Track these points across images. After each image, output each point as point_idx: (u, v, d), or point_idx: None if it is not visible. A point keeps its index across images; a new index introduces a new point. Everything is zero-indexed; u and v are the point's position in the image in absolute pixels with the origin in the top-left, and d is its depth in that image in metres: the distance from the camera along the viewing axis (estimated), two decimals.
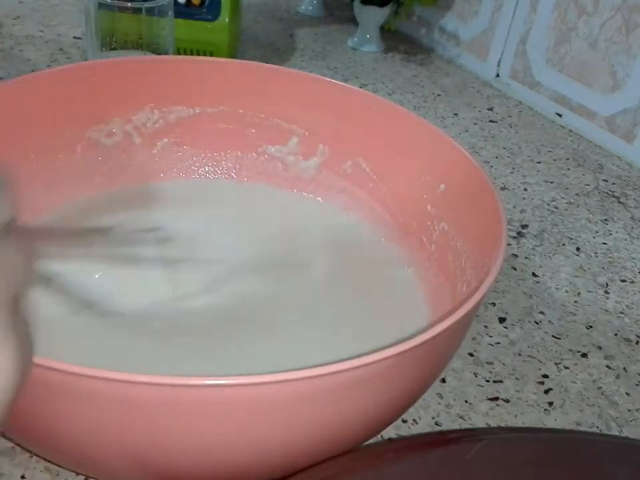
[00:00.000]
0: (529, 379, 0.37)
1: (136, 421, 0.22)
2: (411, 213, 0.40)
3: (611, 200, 0.57)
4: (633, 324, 0.43)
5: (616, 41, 0.63)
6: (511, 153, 0.63)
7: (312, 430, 0.24)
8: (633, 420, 0.36)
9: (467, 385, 0.36)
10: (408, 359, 0.23)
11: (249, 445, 0.23)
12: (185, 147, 0.44)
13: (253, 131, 0.44)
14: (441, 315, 0.34)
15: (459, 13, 0.80)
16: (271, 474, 0.26)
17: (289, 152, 0.44)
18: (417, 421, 0.34)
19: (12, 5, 0.76)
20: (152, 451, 0.23)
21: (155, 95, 0.42)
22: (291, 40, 0.81)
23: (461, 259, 0.35)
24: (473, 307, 0.25)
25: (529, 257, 0.48)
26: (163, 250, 0.37)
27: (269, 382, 0.20)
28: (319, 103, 0.42)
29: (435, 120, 0.66)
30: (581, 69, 0.67)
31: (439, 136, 0.38)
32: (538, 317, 0.42)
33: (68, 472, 0.28)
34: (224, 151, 0.45)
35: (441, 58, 0.82)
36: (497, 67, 0.76)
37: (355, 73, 0.75)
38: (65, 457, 0.26)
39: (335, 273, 0.39)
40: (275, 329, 0.34)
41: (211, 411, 0.21)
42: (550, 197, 0.56)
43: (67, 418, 0.22)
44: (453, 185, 0.38)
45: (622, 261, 0.49)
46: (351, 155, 0.43)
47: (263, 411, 0.22)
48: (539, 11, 0.70)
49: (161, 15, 0.48)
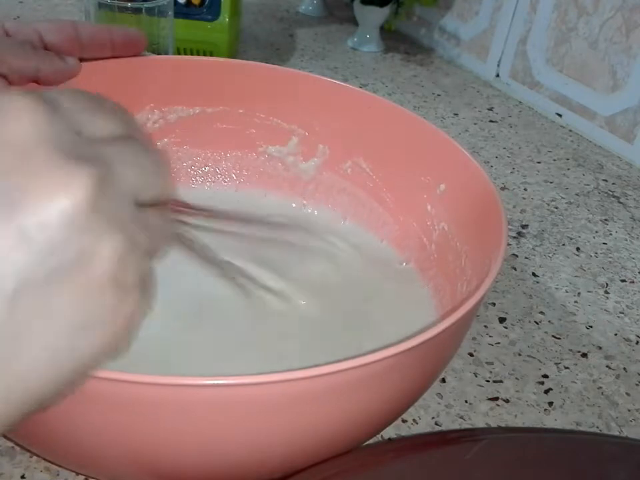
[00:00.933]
0: (529, 379, 0.37)
1: (136, 421, 0.22)
2: (411, 213, 0.40)
3: (610, 200, 0.57)
4: (633, 324, 0.43)
5: (616, 41, 0.63)
6: (511, 153, 0.63)
7: (312, 430, 0.24)
8: (632, 420, 0.36)
9: (467, 385, 0.36)
10: (408, 358, 0.23)
11: (249, 445, 0.23)
12: (184, 147, 0.44)
13: (252, 131, 0.44)
14: (441, 315, 0.34)
15: (458, 13, 0.80)
16: (271, 474, 0.26)
17: (288, 152, 0.44)
18: (417, 420, 0.34)
19: (12, 4, 0.76)
20: (152, 451, 0.23)
21: (155, 94, 0.42)
22: (290, 40, 0.81)
23: (461, 258, 0.35)
24: (472, 307, 0.25)
25: (529, 257, 0.48)
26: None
27: (269, 382, 0.20)
28: (319, 103, 0.42)
29: (434, 120, 0.66)
30: (581, 69, 0.67)
31: (439, 136, 0.38)
32: (538, 317, 0.42)
33: (68, 472, 0.28)
34: (224, 151, 0.45)
35: (440, 58, 0.82)
36: (497, 67, 0.76)
37: (354, 72, 0.75)
38: (65, 457, 0.26)
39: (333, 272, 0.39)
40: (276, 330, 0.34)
41: (211, 411, 0.21)
42: (550, 196, 0.56)
43: (67, 418, 0.22)
44: (453, 185, 0.38)
45: (622, 261, 0.49)
46: (351, 155, 0.43)
47: (262, 411, 0.22)
48: (539, 11, 0.70)
49: (161, 14, 0.48)
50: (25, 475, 0.28)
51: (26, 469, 0.28)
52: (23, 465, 0.29)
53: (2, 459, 0.29)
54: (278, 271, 0.36)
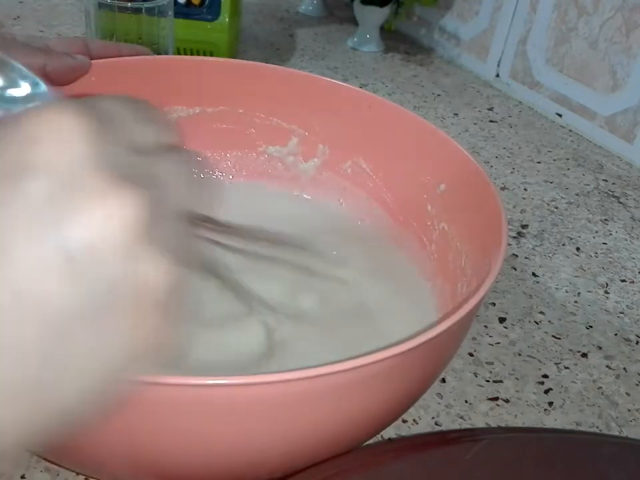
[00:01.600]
0: (529, 379, 0.37)
1: (136, 421, 0.22)
2: (411, 213, 0.40)
3: (610, 200, 0.57)
4: (633, 324, 0.43)
5: (616, 41, 0.63)
6: (511, 153, 0.63)
7: (312, 430, 0.24)
8: (632, 420, 0.36)
9: (467, 385, 0.36)
10: (408, 359, 0.23)
11: (249, 445, 0.23)
12: (184, 147, 0.44)
13: (252, 131, 0.44)
14: (441, 315, 0.34)
15: (458, 13, 0.80)
16: (271, 474, 0.26)
17: (289, 152, 0.44)
18: (417, 420, 0.34)
19: (12, 4, 0.76)
20: (152, 450, 0.23)
21: (155, 95, 0.42)
22: (290, 40, 0.81)
23: (461, 258, 0.35)
24: (473, 307, 0.25)
25: (529, 257, 0.48)
26: None
27: (269, 382, 0.20)
28: (319, 103, 0.42)
29: (434, 120, 0.66)
30: (581, 69, 0.67)
31: (439, 136, 0.38)
32: (538, 317, 0.42)
33: (68, 472, 0.28)
34: (224, 151, 0.45)
35: (440, 58, 0.82)
36: (497, 67, 0.76)
37: (354, 72, 0.75)
38: (65, 457, 0.26)
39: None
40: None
41: (211, 411, 0.21)
42: (550, 197, 0.56)
43: None
44: (453, 184, 0.38)
45: (622, 261, 0.49)
46: (351, 154, 0.43)
47: (263, 411, 0.22)
48: (539, 11, 0.70)
49: (160, 14, 0.48)
50: (25, 475, 0.28)
51: (26, 469, 0.28)
52: (22, 465, 0.29)
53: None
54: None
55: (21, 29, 0.70)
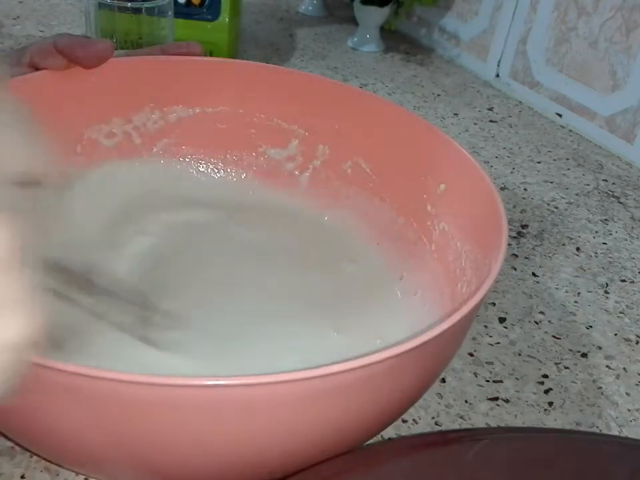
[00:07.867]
0: (529, 379, 0.37)
1: (135, 421, 0.22)
2: (411, 213, 0.40)
3: (610, 200, 0.57)
4: (633, 324, 0.43)
5: (616, 41, 0.63)
6: (511, 153, 0.63)
7: (312, 430, 0.24)
8: (632, 420, 0.36)
9: (467, 385, 0.36)
10: (408, 359, 0.23)
11: (249, 445, 0.23)
12: (184, 147, 0.44)
13: (252, 132, 0.44)
14: (441, 315, 0.34)
15: (458, 13, 0.80)
16: (271, 474, 0.26)
17: (289, 152, 0.44)
18: (417, 420, 0.34)
19: (12, 4, 0.76)
20: (152, 450, 0.23)
21: (155, 95, 0.42)
22: (290, 40, 0.81)
23: (461, 258, 0.35)
24: (473, 308, 0.25)
25: (529, 257, 0.48)
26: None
27: (269, 382, 0.20)
28: (319, 103, 0.42)
29: (434, 120, 0.66)
30: (581, 69, 0.67)
31: (439, 136, 0.38)
32: (538, 317, 0.42)
33: (68, 472, 0.28)
34: (224, 151, 0.45)
35: (440, 58, 0.82)
36: (497, 67, 0.76)
37: (354, 72, 0.75)
38: (64, 457, 0.26)
39: (332, 272, 0.39)
40: (272, 327, 0.34)
41: (211, 411, 0.21)
42: (550, 197, 0.56)
43: (66, 418, 0.22)
44: (453, 185, 0.38)
45: (622, 261, 0.49)
46: (351, 154, 0.43)
47: (262, 411, 0.22)
48: (539, 11, 0.70)
49: (160, 14, 0.48)
50: (24, 475, 0.28)
51: (26, 469, 0.28)
52: (22, 465, 0.29)
53: (2, 459, 0.29)
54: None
55: (21, 29, 0.70)
